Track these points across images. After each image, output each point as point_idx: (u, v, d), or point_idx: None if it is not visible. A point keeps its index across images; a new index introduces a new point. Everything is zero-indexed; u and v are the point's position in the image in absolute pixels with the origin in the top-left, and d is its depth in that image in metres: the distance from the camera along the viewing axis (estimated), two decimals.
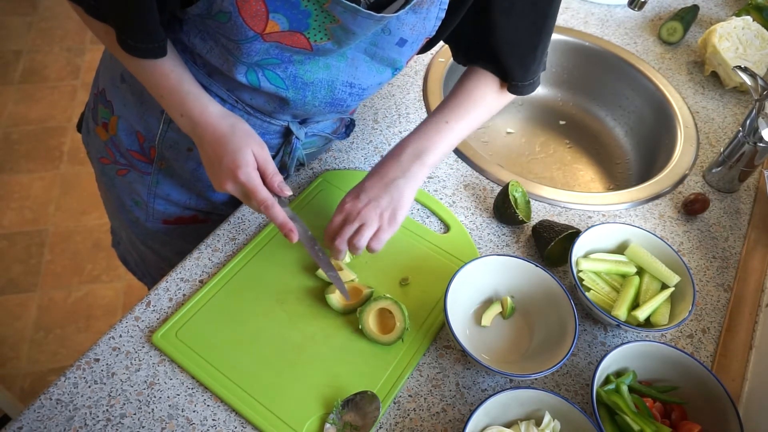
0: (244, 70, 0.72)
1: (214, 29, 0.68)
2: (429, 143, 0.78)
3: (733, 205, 1.05)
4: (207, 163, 0.75)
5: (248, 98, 0.79)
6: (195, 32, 0.73)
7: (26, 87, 2.58)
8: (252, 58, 0.69)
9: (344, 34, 0.66)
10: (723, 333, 0.87)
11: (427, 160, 0.78)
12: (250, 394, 0.72)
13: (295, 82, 0.74)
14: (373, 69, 0.77)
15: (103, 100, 0.88)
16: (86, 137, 0.97)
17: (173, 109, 0.75)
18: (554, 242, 0.88)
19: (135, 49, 0.68)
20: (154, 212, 0.94)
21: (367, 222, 0.75)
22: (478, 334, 0.81)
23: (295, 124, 0.85)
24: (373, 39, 0.72)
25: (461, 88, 0.83)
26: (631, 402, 0.72)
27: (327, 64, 0.73)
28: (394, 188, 0.76)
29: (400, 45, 0.73)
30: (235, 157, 0.72)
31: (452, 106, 0.82)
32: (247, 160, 0.72)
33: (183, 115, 0.74)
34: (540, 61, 0.82)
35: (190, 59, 0.77)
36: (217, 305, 0.79)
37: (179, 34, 0.74)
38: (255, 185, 0.72)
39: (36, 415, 0.69)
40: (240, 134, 0.74)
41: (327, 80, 0.75)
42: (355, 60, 0.74)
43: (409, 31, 0.71)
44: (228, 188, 0.74)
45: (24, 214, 2.14)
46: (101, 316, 1.89)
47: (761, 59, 1.23)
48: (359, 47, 0.73)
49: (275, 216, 0.73)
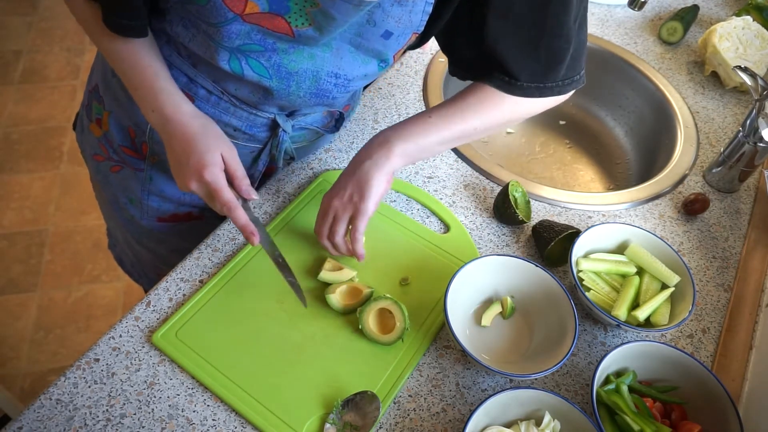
0: (227, 56, 0.72)
1: (194, 14, 0.68)
2: (403, 132, 0.78)
3: (733, 205, 1.05)
4: (174, 161, 0.75)
5: (233, 89, 0.79)
6: (177, 20, 0.73)
7: (26, 87, 2.58)
8: (233, 41, 0.69)
9: (325, 19, 0.66)
10: (723, 333, 0.87)
11: (395, 148, 0.77)
12: (250, 394, 0.72)
13: (279, 71, 0.74)
14: (358, 59, 0.76)
15: (96, 96, 0.89)
16: (80, 135, 0.97)
17: (145, 104, 0.75)
18: (554, 242, 0.88)
19: (119, 25, 0.70)
20: (148, 209, 0.94)
21: (337, 213, 0.78)
22: (478, 334, 0.81)
23: (282, 117, 0.85)
24: (358, 29, 0.71)
25: (459, 94, 0.82)
26: (631, 402, 0.72)
27: (311, 53, 0.73)
28: (360, 172, 0.77)
29: (386, 37, 0.72)
30: (202, 156, 0.73)
31: (442, 106, 0.81)
32: (215, 161, 0.73)
33: (154, 111, 0.75)
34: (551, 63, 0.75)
35: (175, 51, 0.77)
36: (217, 305, 0.79)
37: (163, 24, 0.75)
38: (220, 186, 0.73)
39: (36, 415, 0.69)
40: (210, 135, 0.75)
41: (311, 70, 0.75)
42: (340, 50, 0.74)
43: (395, 23, 0.70)
44: (192, 187, 0.74)
45: (24, 214, 2.14)
46: (101, 316, 1.89)
47: (761, 59, 1.23)
48: (344, 37, 0.72)
49: (237, 218, 0.74)
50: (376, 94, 1.14)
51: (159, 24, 0.76)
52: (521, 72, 0.76)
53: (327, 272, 0.83)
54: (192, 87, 0.79)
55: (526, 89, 0.77)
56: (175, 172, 0.76)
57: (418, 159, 0.81)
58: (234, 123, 0.83)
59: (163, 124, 0.75)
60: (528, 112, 0.82)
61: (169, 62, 0.78)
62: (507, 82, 0.77)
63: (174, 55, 0.77)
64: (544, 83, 0.77)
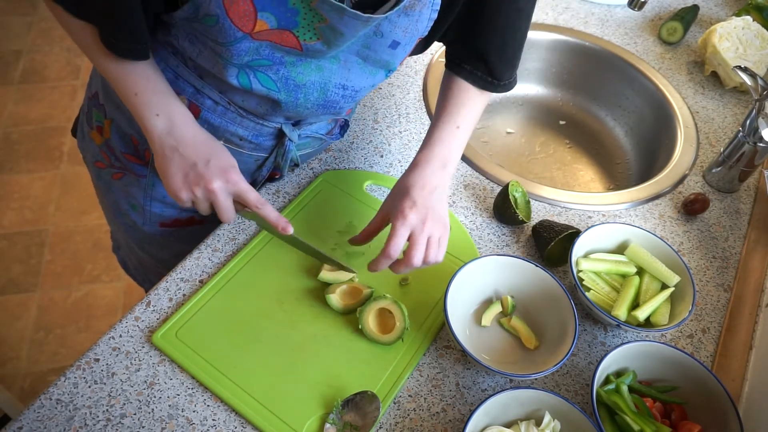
0: (236, 72, 0.72)
1: (201, 32, 0.68)
2: (449, 152, 0.79)
3: (733, 205, 1.05)
4: (180, 165, 0.72)
5: (240, 100, 0.78)
6: (184, 36, 0.73)
7: (26, 87, 2.58)
8: (242, 58, 0.69)
9: (333, 34, 0.66)
10: (723, 333, 0.87)
11: (451, 170, 0.79)
12: (250, 394, 0.72)
13: (287, 84, 0.74)
14: (366, 71, 0.77)
15: (96, 103, 0.88)
16: (81, 142, 0.96)
17: (149, 108, 0.72)
18: (554, 242, 0.88)
19: (119, 48, 0.68)
20: (151, 215, 0.94)
21: (433, 233, 0.74)
22: (478, 334, 0.81)
23: (288, 126, 0.85)
24: (365, 41, 0.71)
25: (456, 89, 0.82)
26: (631, 402, 0.72)
27: (319, 66, 0.73)
28: (438, 196, 0.77)
29: (393, 47, 0.73)
30: (225, 158, 0.74)
31: (457, 107, 0.81)
32: (234, 163, 0.75)
33: (160, 115, 0.72)
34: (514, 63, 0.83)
35: (181, 62, 0.76)
36: (217, 305, 0.79)
37: (168, 37, 0.74)
38: (247, 186, 0.74)
39: (36, 415, 0.69)
40: (220, 144, 0.76)
41: (319, 82, 0.75)
42: (348, 62, 0.74)
43: (402, 33, 0.71)
44: (214, 186, 0.72)
45: (24, 214, 2.14)
46: (101, 316, 1.89)
47: (761, 59, 1.23)
48: (351, 49, 0.73)
49: (268, 213, 0.76)
50: (376, 94, 1.14)
51: (164, 37, 0.75)
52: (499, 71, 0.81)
53: (327, 272, 0.83)
54: (199, 97, 0.78)
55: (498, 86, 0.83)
56: (182, 178, 0.73)
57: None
58: (240, 133, 0.82)
59: (171, 129, 0.72)
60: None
61: (176, 72, 0.77)
62: (489, 82, 0.82)
63: (181, 66, 0.76)
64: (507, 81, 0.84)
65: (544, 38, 1.33)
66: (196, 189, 0.73)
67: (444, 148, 0.79)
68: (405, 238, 0.73)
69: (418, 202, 0.74)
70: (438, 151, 0.79)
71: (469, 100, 0.82)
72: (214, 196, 0.73)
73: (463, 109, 0.81)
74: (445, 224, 0.76)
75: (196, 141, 0.73)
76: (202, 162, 0.72)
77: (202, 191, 0.73)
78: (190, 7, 0.63)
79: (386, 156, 1.03)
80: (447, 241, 0.76)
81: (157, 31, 0.75)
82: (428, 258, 0.74)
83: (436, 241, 0.74)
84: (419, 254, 0.73)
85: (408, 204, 0.74)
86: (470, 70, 0.81)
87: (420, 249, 0.73)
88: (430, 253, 0.74)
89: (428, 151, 0.79)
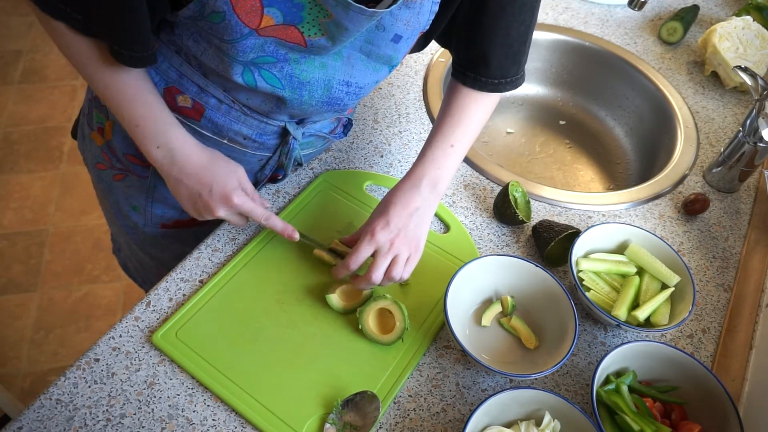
0: (240, 70, 0.72)
1: (206, 30, 0.68)
2: (441, 172, 0.80)
3: (733, 205, 1.05)
4: (187, 195, 0.78)
5: (245, 98, 0.78)
6: (187, 34, 0.72)
7: (26, 87, 2.58)
8: (247, 55, 0.69)
9: (337, 29, 0.66)
10: (723, 333, 0.87)
11: (441, 189, 0.80)
12: (250, 394, 0.72)
13: (291, 81, 0.74)
14: (369, 67, 0.77)
15: (97, 104, 0.88)
16: (82, 144, 0.96)
17: (149, 141, 0.74)
18: (554, 242, 0.88)
19: (130, 58, 0.68)
20: (152, 217, 0.94)
21: (400, 252, 0.76)
22: (478, 334, 0.81)
23: (292, 125, 0.85)
24: (368, 36, 0.72)
25: (456, 105, 0.83)
26: (631, 402, 0.72)
27: (323, 63, 0.74)
28: (417, 217, 0.78)
29: (396, 41, 0.73)
30: (225, 184, 0.77)
31: (453, 126, 0.82)
32: (236, 184, 0.78)
33: (160, 147, 0.75)
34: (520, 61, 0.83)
35: (185, 61, 0.76)
36: (217, 305, 0.79)
37: (172, 36, 0.74)
38: (251, 206, 0.78)
39: (36, 415, 0.69)
40: (221, 162, 0.79)
41: (323, 79, 0.75)
42: (351, 58, 0.75)
43: (404, 26, 0.71)
44: (220, 214, 0.77)
45: (24, 214, 2.14)
46: (101, 316, 1.89)
47: (761, 59, 1.23)
48: (354, 45, 0.73)
49: (275, 225, 0.80)
50: (376, 94, 1.14)
51: (168, 36, 0.75)
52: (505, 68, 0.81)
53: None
54: (203, 96, 0.78)
55: (504, 85, 0.83)
56: (191, 206, 0.78)
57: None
58: (244, 131, 0.83)
59: (172, 160, 0.75)
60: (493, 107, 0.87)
61: (179, 71, 0.77)
62: (495, 84, 0.82)
63: (184, 65, 0.76)
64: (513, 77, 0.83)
65: (544, 38, 1.33)
66: (206, 214, 0.78)
67: (435, 168, 0.80)
68: (367, 254, 0.76)
69: (391, 223, 0.76)
70: (429, 170, 0.79)
71: (467, 115, 0.82)
72: (223, 219, 0.79)
73: (459, 127, 0.82)
74: (417, 245, 0.77)
75: (197, 168, 0.76)
76: (205, 191, 0.76)
77: (211, 216, 0.78)
78: (195, 5, 0.63)
79: (386, 156, 1.03)
80: (416, 261, 0.78)
81: (160, 30, 0.75)
82: (390, 274, 0.76)
83: (402, 260, 0.76)
84: (379, 271, 0.75)
85: (381, 224, 0.76)
86: (474, 77, 0.81)
87: (380, 267, 0.75)
88: (392, 270, 0.76)
89: (419, 170, 0.80)
